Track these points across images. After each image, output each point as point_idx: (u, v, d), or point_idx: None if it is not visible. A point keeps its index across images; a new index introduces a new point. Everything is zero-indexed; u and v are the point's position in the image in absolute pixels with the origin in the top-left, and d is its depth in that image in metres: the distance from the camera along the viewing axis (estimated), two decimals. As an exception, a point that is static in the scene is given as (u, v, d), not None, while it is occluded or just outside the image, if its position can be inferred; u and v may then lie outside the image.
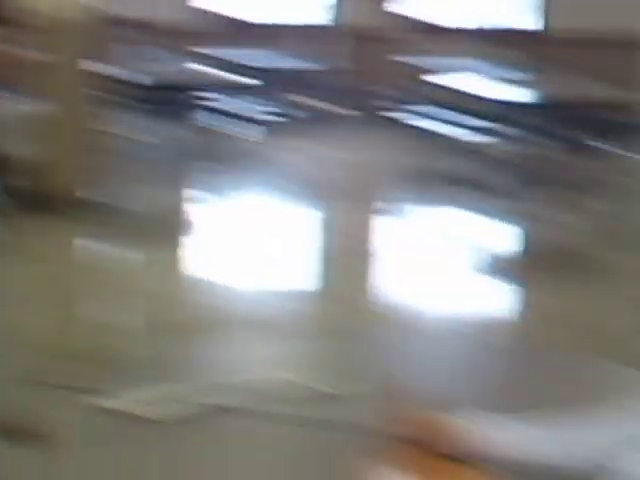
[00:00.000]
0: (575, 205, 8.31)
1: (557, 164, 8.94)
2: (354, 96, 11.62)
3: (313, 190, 8.69)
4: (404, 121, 10.81)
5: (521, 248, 7.32)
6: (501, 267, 6.70)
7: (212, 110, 10.55)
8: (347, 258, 6.58)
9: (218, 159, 9.50)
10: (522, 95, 9.50)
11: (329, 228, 7.95)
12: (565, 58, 10.97)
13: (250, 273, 6.31)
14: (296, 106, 11.44)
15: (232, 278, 6.23)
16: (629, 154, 8.98)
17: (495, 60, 11.05)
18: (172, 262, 6.65)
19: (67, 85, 7.28)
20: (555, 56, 11.17)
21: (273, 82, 11.49)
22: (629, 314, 5.59)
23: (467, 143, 8.82)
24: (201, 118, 9.99)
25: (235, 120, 10.42)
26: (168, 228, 7.27)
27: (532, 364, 2.58)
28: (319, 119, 11.47)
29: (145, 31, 11.27)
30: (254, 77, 10.67)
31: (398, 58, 11.58)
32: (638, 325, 5.31)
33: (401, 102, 11.03)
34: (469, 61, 11.17)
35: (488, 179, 8.77)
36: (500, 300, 6.13)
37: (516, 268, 6.67)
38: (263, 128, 9.87)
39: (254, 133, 10.08)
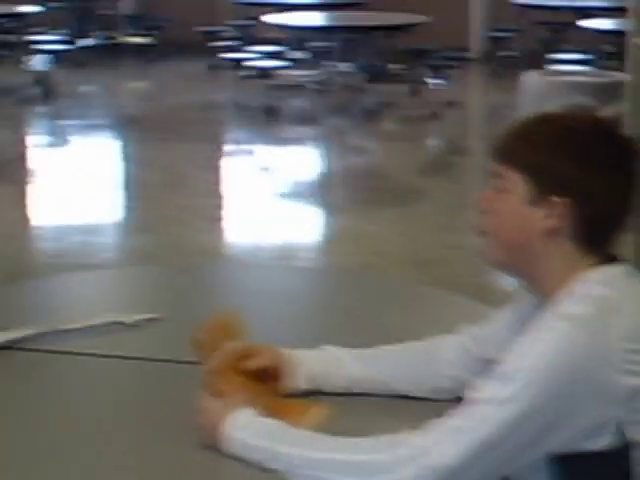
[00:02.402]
0: (377, 131, 8.37)
1: (357, 90, 8.96)
2: (144, 24, 11.30)
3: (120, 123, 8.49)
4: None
5: (326, 174, 7.29)
6: (310, 194, 6.67)
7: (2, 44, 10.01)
8: (176, 195, 6.40)
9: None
10: (320, 19, 9.45)
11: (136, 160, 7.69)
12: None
13: (78, 212, 6.06)
14: (85, 34, 11.02)
15: (59, 218, 6.00)
16: (427, 79, 9.08)
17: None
18: (6, 206, 6.29)
19: None
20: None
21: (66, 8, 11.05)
22: (438, 239, 5.66)
23: (265, 71, 8.73)
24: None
25: (20, 51, 9.92)
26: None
27: (351, 290, 2.50)
28: (110, 48, 11.14)
29: None
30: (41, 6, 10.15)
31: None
32: (447, 252, 5.38)
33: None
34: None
35: (289, 106, 8.72)
36: (311, 226, 6.10)
37: (326, 194, 6.65)
38: (51, 57, 9.44)
39: (42, 63, 9.64)
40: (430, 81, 8.87)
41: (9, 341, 2.08)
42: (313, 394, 1.86)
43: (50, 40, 10.16)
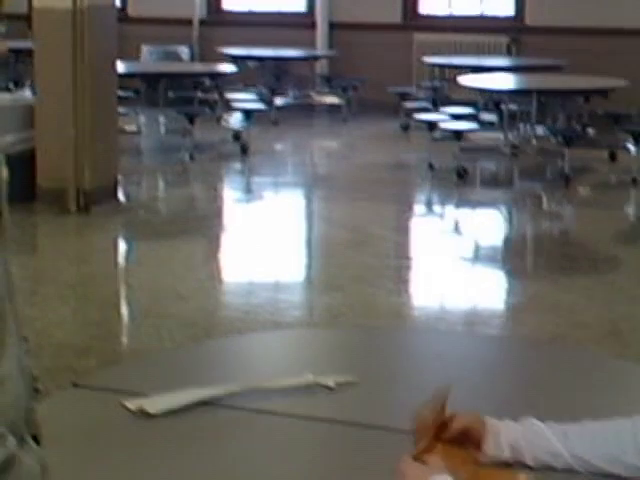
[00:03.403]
0: (572, 196, 8.19)
1: (552, 154, 8.81)
2: (337, 84, 11.47)
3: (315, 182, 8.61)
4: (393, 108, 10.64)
5: (517, 239, 7.16)
6: (501, 259, 6.55)
7: (201, 102, 10.40)
8: (364, 254, 6.41)
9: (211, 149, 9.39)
10: (515, 82, 9.37)
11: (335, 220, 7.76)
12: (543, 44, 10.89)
13: (268, 269, 6.17)
14: (280, 94, 11.27)
15: (251, 274, 6.12)
16: (627, 144, 8.83)
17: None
18: (196, 260, 6.45)
19: (76, 78, 7.08)
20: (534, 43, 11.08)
21: (253, 70, 11.35)
22: (637, 310, 5.44)
23: (457, 133, 8.68)
24: (196, 110, 9.85)
25: (219, 109, 10.24)
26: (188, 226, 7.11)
27: (544, 361, 2.40)
28: (304, 107, 11.35)
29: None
30: (234, 64, 10.47)
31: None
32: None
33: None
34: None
35: (482, 169, 8.64)
36: (500, 292, 5.98)
37: (516, 259, 6.52)
38: (247, 116, 9.68)
39: (239, 121, 9.90)
40: (631, 147, 8.62)
41: (213, 397, 2.08)
42: (510, 465, 1.79)
43: (247, 99, 10.44)
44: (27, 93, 7.98)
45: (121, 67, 8.38)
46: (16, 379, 1.67)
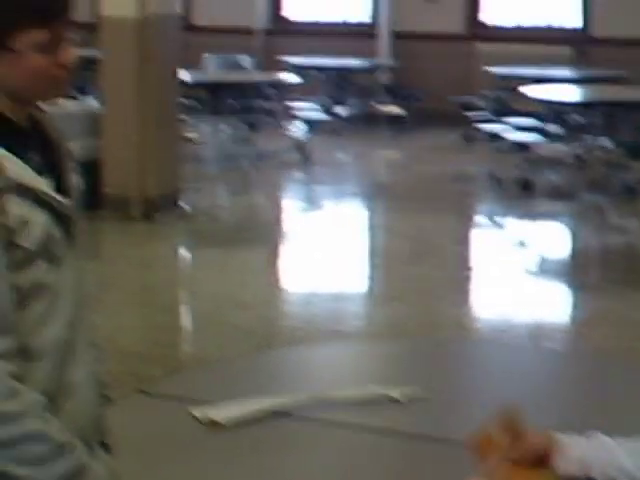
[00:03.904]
0: (637, 209, 8.08)
1: (616, 166, 8.70)
2: (400, 95, 11.45)
3: (377, 192, 8.59)
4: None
5: (581, 251, 7.07)
6: (565, 272, 6.48)
7: (263, 111, 10.43)
8: (426, 265, 6.38)
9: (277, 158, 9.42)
10: (579, 93, 9.28)
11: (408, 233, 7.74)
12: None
13: (328, 278, 6.16)
14: (341, 103, 11.27)
15: (311, 283, 6.12)
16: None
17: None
18: (257, 268, 6.47)
19: (141, 86, 7.16)
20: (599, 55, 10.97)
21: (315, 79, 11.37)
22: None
23: (521, 144, 8.62)
24: (259, 119, 9.90)
25: (281, 118, 10.26)
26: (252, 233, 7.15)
27: (612, 375, 2.36)
28: (365, 117, 11.34)
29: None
30: (297, 73, 10.50)
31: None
32: None
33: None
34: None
35: (545, 181, 8.56)
36: (564, 305, 5.91)
37: (581, 273, 6.44)
38: (308, 125, 9.70)
39: (301, 130, 9.92)
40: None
41: (279, 407, 2.07)
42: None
43: (309, 108, 10.45)
44: (92, 101, 8.07)
45: (184, 76, 8.43)
46: (86, 387, 1.68)
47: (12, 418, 1.53)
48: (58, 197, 1.66)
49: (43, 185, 1.64)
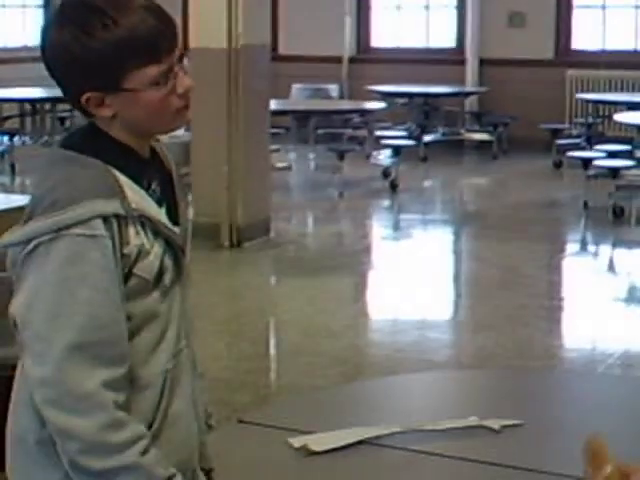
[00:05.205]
0: None
1: None
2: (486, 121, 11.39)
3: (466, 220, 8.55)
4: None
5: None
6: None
7: (350, 138, 10.48)
8: (516, 293, 6.32)
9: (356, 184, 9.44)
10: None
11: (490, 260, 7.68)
12: None
13: (417, 307, 6.16)
14: (429, 130, 11.26)
15: (400, 312, 6.11)
16: None
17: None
18: (346, 296, 6.50)
19: (230, 115, 7.25)
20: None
21: (402, 106, 11.38)
22: None
23: (613, 171, 8.50)
24: (346, 147, 9.94)
25: (368, 146, 10.29)
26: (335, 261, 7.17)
27: None
28: (453, 144, 11.30)
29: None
30: (383, 101, 10.53)
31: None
32: None
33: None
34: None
35: (638, 207, 8.43)
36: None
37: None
38: (394, 153, 9.70)
39: (388, 157, 9.93)
40: None
41: (376, 437, 2.07)
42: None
43: (396, 135, 10.46)
44: (182, 130, 8.19)
45: (272, 104, 8.51)
46: (187, 417, 1.69)
47: (113, 450, 1.55)
48: (174, 228, 1.69)
49: (162, 216, 1.67)
